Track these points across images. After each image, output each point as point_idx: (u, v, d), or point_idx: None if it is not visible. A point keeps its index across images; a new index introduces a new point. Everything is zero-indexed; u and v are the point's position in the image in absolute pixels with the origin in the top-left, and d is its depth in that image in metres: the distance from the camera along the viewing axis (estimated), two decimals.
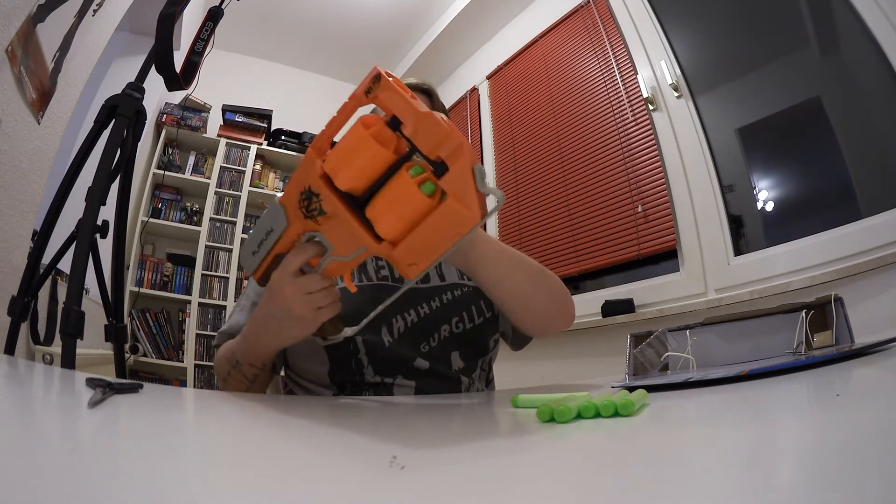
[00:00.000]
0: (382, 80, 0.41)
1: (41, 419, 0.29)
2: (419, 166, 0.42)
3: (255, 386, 0.65)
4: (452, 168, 0.40)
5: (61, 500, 0.15)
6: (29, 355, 1.35)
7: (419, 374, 0.70)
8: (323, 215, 0.45)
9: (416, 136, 0.40)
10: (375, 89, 0.41)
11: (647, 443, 0.27)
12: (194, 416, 0.40)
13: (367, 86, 0.41)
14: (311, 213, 0.46)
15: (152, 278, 2.85)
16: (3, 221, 1.24)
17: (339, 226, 0.45)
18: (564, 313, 0.75)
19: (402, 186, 0.41)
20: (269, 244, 0.50)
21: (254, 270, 0.53)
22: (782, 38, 1.70)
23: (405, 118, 0.40)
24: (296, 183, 0.46)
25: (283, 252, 0.50)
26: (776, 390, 0.41)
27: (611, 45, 2.21)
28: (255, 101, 3.41)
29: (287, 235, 0.49)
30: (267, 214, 0.50)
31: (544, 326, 0.74)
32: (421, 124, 0.40)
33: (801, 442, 0.24)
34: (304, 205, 0.46)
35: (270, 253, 0.51)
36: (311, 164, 0.44)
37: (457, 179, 0.40)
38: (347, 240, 0.46)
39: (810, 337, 0.60)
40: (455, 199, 0.41)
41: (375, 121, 0.42)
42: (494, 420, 0.43)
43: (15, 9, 1.13)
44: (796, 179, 1.71)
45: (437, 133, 0.39)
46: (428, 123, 0.39)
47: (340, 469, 0.23)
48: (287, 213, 0.48)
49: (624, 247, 1.98)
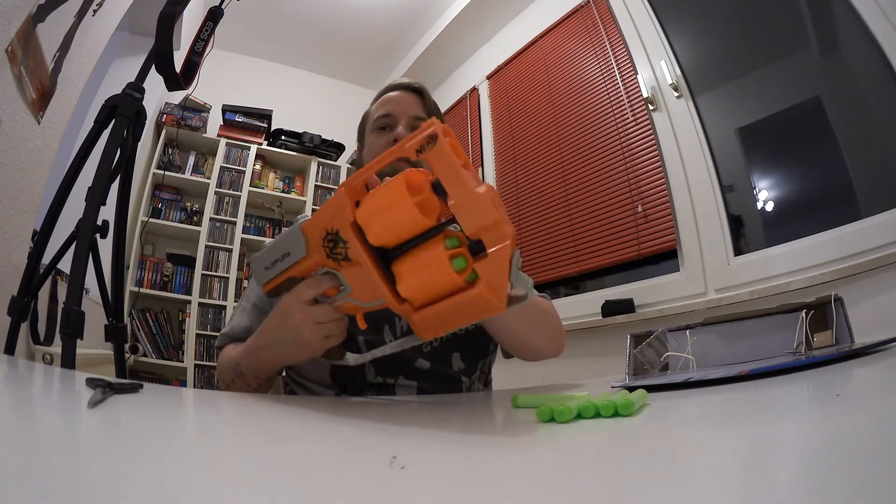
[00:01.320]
0: (438, 143, 0.38)
1: (41, 419, 0.29)
2: (457, 238, 0.41)
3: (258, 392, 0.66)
4: (491, 255, 0.38)
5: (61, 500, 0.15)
6: (29, 355, 1.35)
7: (420, 374, 0.70)
8: (347, 261, 0.45)
9: (461, 213, 0.38)
10: (428, 150, 0.39)
11: (647, 443, 0.27)
12: (194, 417, 0.40)
13: (420, 143, 0.39)
14: (335, 256, 0.45)
15: (152, 278, 2.85)
16: (3, 221, 1.24)
17: (360, 275, 0.44)
18: (556, 347, 0.78)
19: (435, 257, 0.40)
20: (283, 266, 0.50)
21: (264, 283, 0.53)
22: (782, 38, 1.70)
23: (452, 192, 0.38)
24: (324, 218, 0.45)
25: (296, 276, 0.50)
26: (776, 390, 0.41)
27: (611, 45, 2.21)
28: (255, 101, 3.41)
29: (303, 264, 0.48)
30: (287, 236, 0.49)
31: (535, 357, 0.78)
32: (468, 202, 0.38)
33: (801, 442, 0.24)
34: (328, 245, 0.45)
35: (284, 274, 0.50)
36: (343, 208, 0.43)
37: (493, 267, 0.39)
38: (367, 289, 0.45)
39: (810, 337, 0.60)
40: (487, 287, 0.39)
41: (421, 184, 0.40)
42: (494, 420, 0.43)
43: (15, 9, 1.13)
44: (796, 179, 1.71)
45: (483, 218, 0.38)
46: (476, 204, 0.38)
47: (340, 469, 0.23)
48: (308, 243, 0.47)
49: (624, 247, 1.98)
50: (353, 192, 0.43)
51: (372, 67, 3.78)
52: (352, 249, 0.43)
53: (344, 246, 0.44)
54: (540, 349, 0.75)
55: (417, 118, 0.84)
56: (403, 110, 0.84)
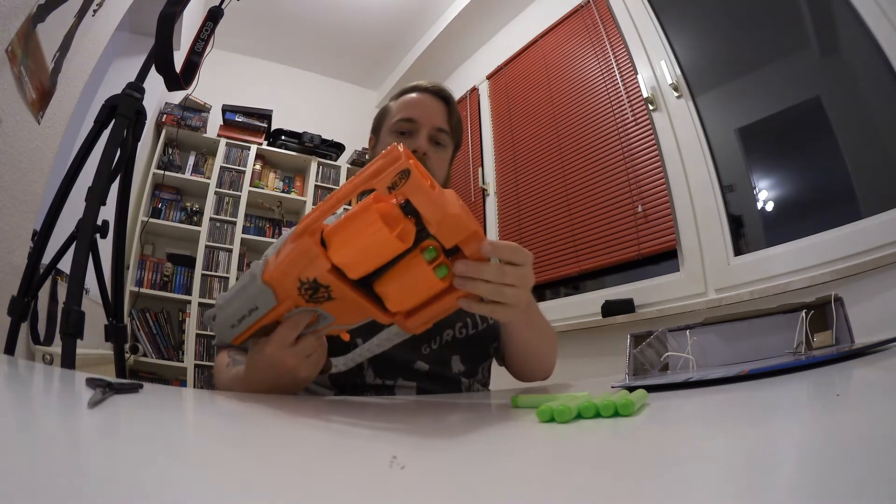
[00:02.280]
0: (412, 178, 0.38)
1: (41, 419, 0.29)
2: (433, 249, 0.42)
3: None
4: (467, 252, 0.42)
5: (61, 500, 0.15)
6: (29, 355, 1.35)
7: (419, 375, 0.70)
8: (330, 301, 0.45)
9: (442, 233, 0.41)
10: (401, 185, 0.39)
11: (647, 443, 0.27)
12: (194, 417, 0.40)
13: (391, 180, 0.38)
14: (318, 299, 0.45)
15: (152, 278, 2.85)
16: (3, 221, 1.24)
17: (345, 305, 0.45)
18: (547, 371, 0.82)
19: (419, 271, 0.41)
20: (252, 319, 0.48)
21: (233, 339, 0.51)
22: (782, 38, 1.70)
23: (430, 217, 0.40)
24: (290, 268, 0.43)
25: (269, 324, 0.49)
26: (776, 390, 0.41)
27: (611, 45, 2.21)
28: (255, 101, 3.41)
29: (276, 311, 0.47)
30: (248, 291, 0.47)
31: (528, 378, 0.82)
32: (447, 223, 0.40)
33: (801, 442, 0.24)
34: (307, 293, 0.44)
35: (254, 326, 0.49)
36: (315, 258, 0.42)
37: None
38: (353, 314, 0.46)
39: (810, 337, 0.60)
40: None
41: (396, 215, 0.41)
42: (494, 420, 0.43)
43: (15, 9, 1.13)
44: (796, 179, 1.71)
45: (462, 232, 0.41)
46: (454, 223, 0.40)
47: (340, 469, 0.23)
48: (276, 293, 0.46)
49: (624, 247, 1.98)
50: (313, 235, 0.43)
51: (372, 67, 3.78)
52: (335, 290, 0.44)
53: (326, 290, 0.44)
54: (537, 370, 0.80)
55: (440, 130, 0.81)
56: (427, 119, 0.81)
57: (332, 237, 0.42)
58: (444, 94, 0.85)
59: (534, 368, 0.80)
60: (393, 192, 0.39)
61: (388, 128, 0.83)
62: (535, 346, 0.76)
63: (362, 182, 0.40)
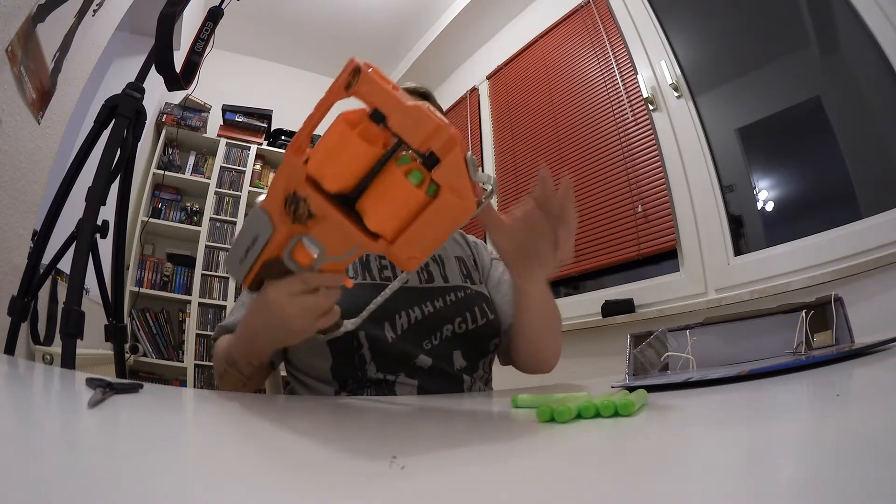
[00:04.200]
0: (363, 74, 0.38)
1: (41, 419, 0.29)
2: (406, 156, 0.41)
3: (253, 382, 0.66)
4: (444, 160, 0.39)
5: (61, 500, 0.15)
6: (29, 355, 1.35)
7: (422, 372, 0.70)
8: (312, 218, 0.44)
9: (403, 130, 0.39)
10: (355, 83, 0.38)
11: (647, 443, 0.27)
12: (194, 416, 0.40)
13: (346, 80, 0.38)
14: (299, 218, 0.44)
15: (152, 278, 2.85)
16: (3, 221, 1.24)
17: (329, 227, 0.44)
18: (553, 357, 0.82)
19: (393, 180, 0.40)
20: (256, 251, 0.49)
21: (243, 278, 0.52)
22: (782, 38, 1.70)
23: (390, 113, 0.38)
24: (278, 187, 0.45)
25: (272, 258, 0.49)
26: (776, 390, 0.41)
27: (611, 45, 2.21)
28: (255, 101, 3.41)
29: (274, 240, 0.47)
30: (250, 220, 0.48)
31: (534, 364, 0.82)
32: (408, 118, 0.38)
33: (801, 442, 0.24)
34: (290, 210, 0.44)
35: (259, 259, 0.49)
36: (293, 167, 0.43)
37: (450, 171, 0.40)
38: (340, 240, 0.45)
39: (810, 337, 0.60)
40: (451, 191, 0.40)
41: (359, 117, 0.40)
42: (494, 420, 0.43)
43: (15, 9, 1.13)
44: (796, 179, 1.71)
45: (426, 126, 0.38)
46: (415, 116, 0.38)
47: (340, 469, 0.23)
48: (272, 218, 0.46)
49: (624, 247, 1.98)
50: (298, 151, 0.43)
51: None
52: (313, 204, 0.43)
53: (305, 204, 0.43)
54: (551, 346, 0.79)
55: None
56: None
57: (311, 153, 0.42)
58: (421, 89, 0.88)
59: (541, 351, 0.79)
60: (349, 91, 0.38)
61: None
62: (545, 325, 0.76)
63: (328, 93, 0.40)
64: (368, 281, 0.75)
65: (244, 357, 0.61)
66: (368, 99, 0.39)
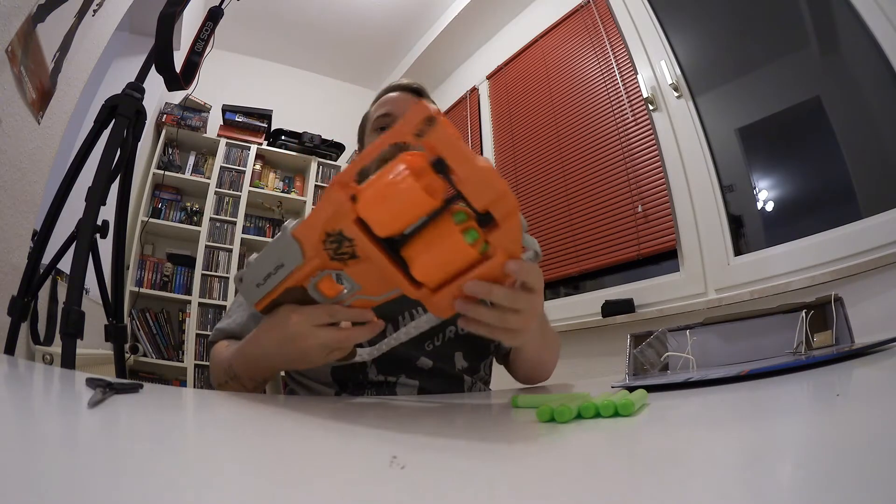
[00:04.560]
0: (439, 123, 0.37)
1: (41, 419, 0.29)
2: (463, 213, 0.40)
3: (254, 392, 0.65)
4: (503, 226, 0.39)
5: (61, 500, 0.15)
6: (29, 355, 1.35)
7: (422, 373, 0.70)
8: (354, 259, 0.43)
9: (469, 188, 0.38)
10: (428, 133, 0.37)
11: (647, 443, 0.27)
12: (194, 416, 0.40)
13: (418, 127, 0.37)
14: (341, 257, 0.43)
15: (152, 278, 2.85)
16: (3, 221, 1.24)
17: (369, 269, 0.43)
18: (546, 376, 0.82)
19: (447, 234, 0.39)
20: (278, 278, 0.47)
21: (257, 301, 0.50)
22: (782, 38, 1.70)
23: (458, 168, 0.38)
24: (318, 220, 0.43)
25: (294, 286, 0.47)
26: (776, 390, 0.41)
27: (611, 45, 2.21)
28: (255, 101, 3.41)
29: (302, 271, 0.46)
30: (277, 246, 0.46)
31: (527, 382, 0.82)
32: (475, 177, 0.38)
33: (801, 442, 0.24)
34: (331, 247, 0.43)
35: (279, 287, 0.48)
36: (340, 205, 0.41)
37: (507, 237, 0.40)
38: (379, 282, 0.44)
39: (810, 337, 0.60)
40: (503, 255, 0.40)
41: (424, 167, 0.39)
42: (494, 420, 0.43)
43: (15, 9, 1.13)
44: (796, 179, 1.71)
45: (493, 189, 0.38)
46: (484, 177, 0.38)
47: (340, 469, 0.23)
48: (304, 249, 0.45)
49: (624, 247, 1.98)
50: (346, 188, 0.42)
51: (372, 67, 3.78)
52: (359, 246, 0.42)
53: (350, 244, 0.42)
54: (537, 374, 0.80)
55: None
56: (402, 110, 0.84)
57: (361, 192, 0.41)
58: (414, 86, 0.88)
59: (533, 375, 0.81)
60: (420, 140, 0.38)
61: (369, 130, 0.87)
62: (537, 358, 0.77)
63: (391, 135, 0.39)
64: None
65: (247, 373, 0.59)
66: (438, 149, 0.38)
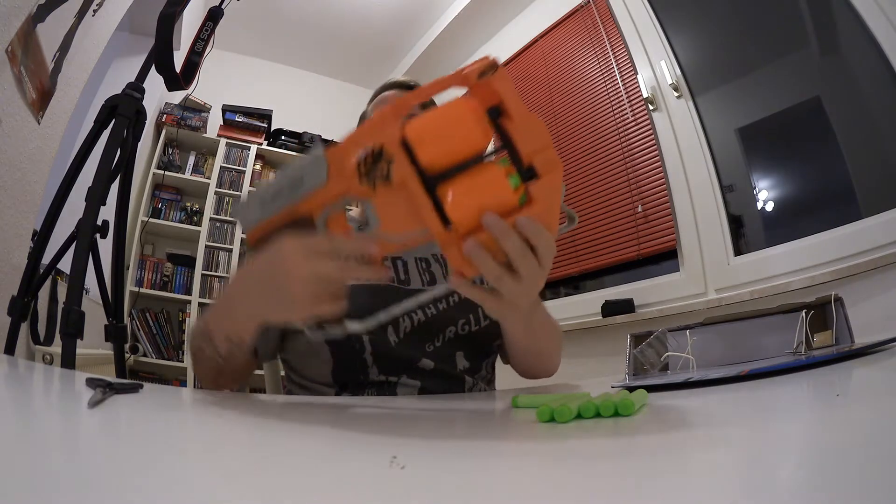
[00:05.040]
0: (500, 70, 0.38)
1: (41, 419, 0.29)
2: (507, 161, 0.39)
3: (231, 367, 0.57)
4: (545, 178, 0.38)
5: (61, 500, 0.15)
6: (29, 355, 1.35)
7: (424, 373, 0.70)
8: (386, 183, 0.39)
9: (520, 134, 0.38)
10: (491, 76, 0.38)
11: (647, 443, 0.27)
12: (194, 416, 0.40)
13: (481, 69, 0.37)
14: (372, 177, 0.39)
15: (152, 278, 2.84)
16: (3, 221, 1.24)
17: (398, 200, 0.39)
18: (550, 371, 0.81)
19: (493, 177, 0.38)
20: (290, 197, 0.42)
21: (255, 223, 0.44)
22: (782, 38, 1.70)
23: (513, 113, 0.38)
24: (358, 139, 0.40)
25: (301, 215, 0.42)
26: (776, 390, 0.41)
27: (611, 45, 2.21)
28: (255, 101, 3.41)
29: (320, 194, 0.41)
30: (300, 162, 0.42)
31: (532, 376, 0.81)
32: (529, 124, 0.38)
33: (801, 442, 0.24)
34: (366, 165, 0.39)
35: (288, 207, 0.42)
36: (388, 124, 0.39)
37: (548, 190, 0.38)
38: (404, 218, 0.40)
39: (810, 337, 0.60)
40: (543, 208, 0.38)
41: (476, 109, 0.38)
42: (494, 420, 0.43)
43: (15, 9, 1.13)
44: (796, 179, 1.71)
45: (542, 138, 0.38)
46: (535, 126, 0.38)
47: (340, 469, 0.23)
48: (329, 169, 0.41)
49: (624, 247, 1.98)
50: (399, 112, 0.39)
51: (372, 67, 3.78)
52: (397, 168, 0.38)
53: (387, 165, 0.39)
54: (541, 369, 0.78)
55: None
56: None
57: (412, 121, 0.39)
58: (411, 83, 0.88)
59: (536, 368, 0.79)
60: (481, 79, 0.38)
61: None
62: (536, 350, 0.74)
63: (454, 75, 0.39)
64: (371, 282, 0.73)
65: (219, 327, 0.52)
66: (498, 93, 0.38)
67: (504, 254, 0.39)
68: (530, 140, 0.38)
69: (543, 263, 0.41)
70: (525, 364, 0.78)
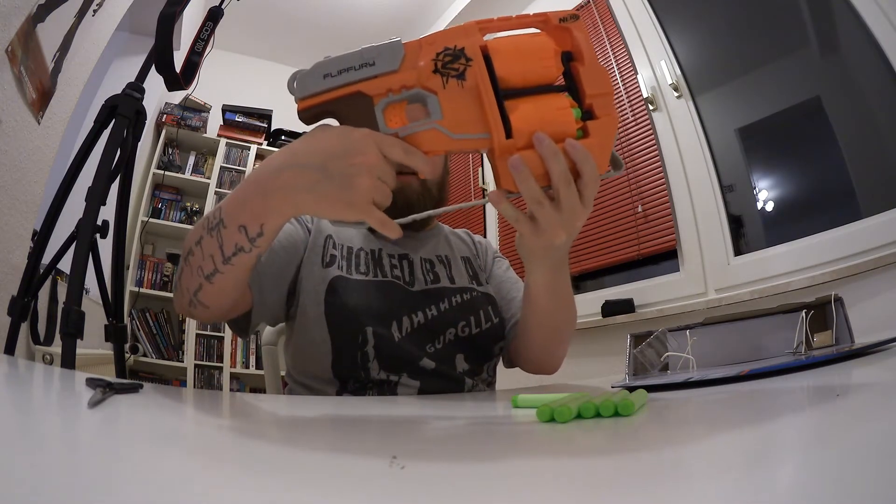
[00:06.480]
0: (580, 21, 0.43)
1: (41, 419, 0.29)
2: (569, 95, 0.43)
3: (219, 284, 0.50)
4: (602, 118, 0.42)
5: (61, 500, 0.15)
6: (29, 355, 1.35)
7: (424, 374, 0.70)
8: (458, 80, 0.41)
9: (588, 75, 0.42)
10: (571, 22, 0.43)
11: (647, 443, 0.27)
12: (194, 417, 0.40)
13: (562, 15, 0.43)
14: (447, 72, 0.41)
15: (152, 278, 2.85)
16: (3, 221, 1.24)
17: (464, 102, 0.41)
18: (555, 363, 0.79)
19: (559, 103, 0.42)
20: (356, 76, 0.41)
21: (310, 94, 0.42)
22: (782, 38, 1.70)
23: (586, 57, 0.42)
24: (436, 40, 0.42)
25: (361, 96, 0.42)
26: (776, 390, 0.41)
27: (611, 45, 2.21)
28: (255, 101, 3.41)
29: (387, 80, 0.41)
30: (377, 46, 0.42)
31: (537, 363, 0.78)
32: (595, 70, 0.42)
33: (800, 442, 0.24)
34: (443, 60, 0.41)
35: (353, 85, 0.42)
36: (473, 32, 0.42)
37: (603, 129, 0.43)
38: (468, 117, 0.41)
39: (810, 337, 0.60)
40: (598, 142, 0.42)
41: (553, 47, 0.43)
42: (494, 420, 0.43)
43: (15, 9, 1.13)
44: (796, 179, 1.71)
45: (606, 84, 0.42)
46: (602, 73, 0.42)
47: (340, 469, 0.23)
48: (405, 58, 0.41)
49: (624, 247, 1.98)
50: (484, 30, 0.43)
51: None
52: (473, 68, 0.41)
53: (464, 64, 0.41)
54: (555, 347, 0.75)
55: None
56: None
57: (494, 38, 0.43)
58: None
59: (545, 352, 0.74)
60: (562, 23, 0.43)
61: None
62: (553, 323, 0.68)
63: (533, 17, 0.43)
64: (380, 278, 0.74)
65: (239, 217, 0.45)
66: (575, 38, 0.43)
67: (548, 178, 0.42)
68: (595, 84, 0.42)
69: (585, 198, 0.43)
70: (536, 344, 0.72)
